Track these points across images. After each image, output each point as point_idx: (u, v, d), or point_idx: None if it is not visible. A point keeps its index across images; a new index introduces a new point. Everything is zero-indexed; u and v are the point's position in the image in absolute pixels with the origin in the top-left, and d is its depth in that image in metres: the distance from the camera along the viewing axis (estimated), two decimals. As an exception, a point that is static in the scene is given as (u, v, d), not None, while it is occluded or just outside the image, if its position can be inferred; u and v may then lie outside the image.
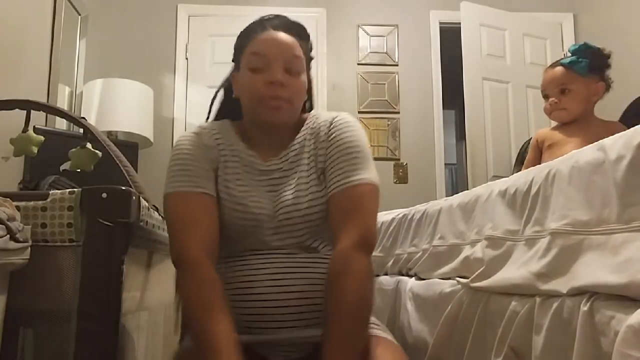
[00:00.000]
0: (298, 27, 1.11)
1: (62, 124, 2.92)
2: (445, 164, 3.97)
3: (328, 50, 3.81)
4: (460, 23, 3.57)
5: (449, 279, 1.29)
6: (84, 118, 1.49)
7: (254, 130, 1.09)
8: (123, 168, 1.30)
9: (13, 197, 0.98)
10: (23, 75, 2.69)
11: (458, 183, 6.21)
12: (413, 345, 1.40)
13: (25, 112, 1.41)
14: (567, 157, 0.86)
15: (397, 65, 3.91)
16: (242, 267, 1.01)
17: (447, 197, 1.85)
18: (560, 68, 1.67)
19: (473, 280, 1.10)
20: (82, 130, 1.43)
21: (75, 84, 3.51)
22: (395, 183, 3.76)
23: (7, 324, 0.92)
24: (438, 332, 1.21)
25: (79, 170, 1.47)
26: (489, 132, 3.55)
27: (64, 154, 1.47)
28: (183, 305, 0.95)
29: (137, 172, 1.49)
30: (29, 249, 0.94)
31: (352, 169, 1.01)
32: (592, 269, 0.72)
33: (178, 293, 0.97)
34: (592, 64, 1.63)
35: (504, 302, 0.97)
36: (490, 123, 3.57)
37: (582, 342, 0.70)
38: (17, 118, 1.46)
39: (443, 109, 3.92)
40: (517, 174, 1.10)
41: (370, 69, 3.88)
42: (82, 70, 3.59)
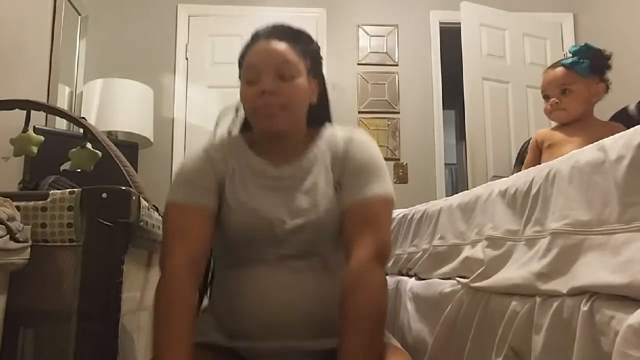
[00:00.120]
0: (293, 31, 1.10)
1: (62, 124, 2.92)
2: (445, 164, 3.97)
3: (328, 50, 3.80)
4: (460, 23, 3.57)
5: (449, 279, 1.29)
6: (84, 118, 1.49)
7: (263, 140, 1.10)
8: (123, 168, 1.30)
9: (13, 197, 0.98)
10: (23, 75, 2.69)
11: (458, 183, 6.21)
12: (413, 345, 1.40)
13: (25, 112, 1.41)
14: (567, 157, 0.86)
15: (397, 65, 3.91)
16: (251, 276, 1.01)
17: (447, 197, 1.85)
18: (561, 68, 1.67)
19: (473, 280, 1.10)
20: (82, 130, 1.43)
21: (75, 84, 3.51)
22: (395, 183, 3.76)
23: (7, 324, 0.92)
24: (438, 332, 1.21)
25: (79, 170, 1.47)
26: (489, 132, 3.55)
27: (64, 154, 1.47)
28: (153, 314, 0.95)
29: (137, 172, 1.49)
30: (29, 249, 0.94)
31: (367, 183, 1.02)
32: (592, 269, 0.72)
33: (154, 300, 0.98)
34: (593, 65, 1.63)
35: (504, 302, 0.97)
36: (490, 123, 3.56)
37: (582, 342, 0.70)
38: (17, 118, 1.47)
39: (443, 109, 3.92)
40: (517, 174, 1.10)
41: (370, 69, 3.88)
42: (82, 70, 3.59)
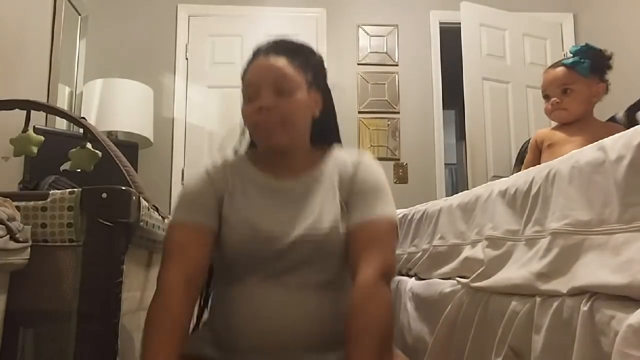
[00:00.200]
0: (293, 46, 1.09)
1: (62, 124, 2.92)
2: (445, 164, 3.97)
3: (328, 50, 3.80)
4: (460, 23, 3.57)
5: (449, 279, 1.29)
6: (84, 118, 1.49)
7: (268, 155, 1.10)
8: (123, 168, 1.29)
9: (13, 197, 0.98)
10: (23, 75, 2.69)
11: (458, 183, 6.21)
12: (413, 345, 1.40)
13: (25, 112, 1.41)
14: (567, 157, 0.86)
15: (397, 65, 3.91)
16: (247, 293, 1.00)
17: (447, 197, 1.85)
18: (562, 68, 1.67)
19: (473, 280, 1.10)
20: (82, 130, 1.43)
21: (75, 84, 3.51)
22: (395, 183, 3.76)
23: (7, 324, 0.92)
24: (438, 332, 1.21)
25: (79, 170, 1.47)
26: (489, 132, 3.55)
27: (64, 154, 1.47)
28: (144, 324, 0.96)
29: (137, 172, 1.49)
30: (29, 249, 0.94)
31: (375, 205, 1.03)
32: (592, 269, 0.72)
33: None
34: (594, 65, 1.63)
35: (504, 302, 0.97)
36: (490, 123, 3.56)
37: (582, 341, 0.70)
38: (17, 118, 1.46)
39: (443, 109, 3.92)
40: (517, 174, 1.10)
41: (370, 69, 3.88)
42: (82, 70, 3.59)
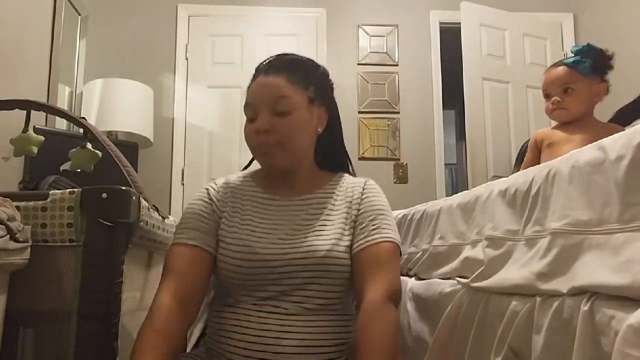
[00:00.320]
0: (294, 61, 1.08)
1: (62, 124, 2.92)
2: (445, 164, 3.97)
3: (328, 50, 3.81)
4: (460, 23, 3.57)
5: (449, 279, 1.29)
6: (84, 118, 1.49)
7: (271, 174, 1.10)
8: (123, 168, 1.29)
9: (13, 197, 0.98)
10: (23, 75, 2.69)
11: (458, 183, 6.21)
12: (413, 346, 1.40)
13: (25, 112, 1.41)
14: (566, 156, 0.86)
15: (397, 65, 3.91)
16: (242, 319, 0.99)
17: (447, 197, 1.85)
18: (564, 67, 1.67)
19: (473, 280, 1.10)
20: (82, 130, 1.43)
21: (75, 84, 3.51)
22: (395, 183, 3.76)
23: (7, 324, 0.92)
24: (438, 332, 1.20)
25: (79, 170, 1.47)
26: (489, 132, 3.55)
27: (64, 154, 1.47)
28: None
29: (137, 172, 1.49)
30: (29, 249, 0.94)
31: (381, 229, 1.04)
32: (592, 269, 0.72)
33: None
34: (595, 65, 1.63)
35: (504, 302, 0.97)
36: (490, 123, 3.57)
37: (582, 342, 0.70)
38: (17, 118, 1.47)
39: (443, 109, 3.92)
40: (516, 174, 1.10)
41: (370, 69, 3.88)
42: (82, 70, 3.59)
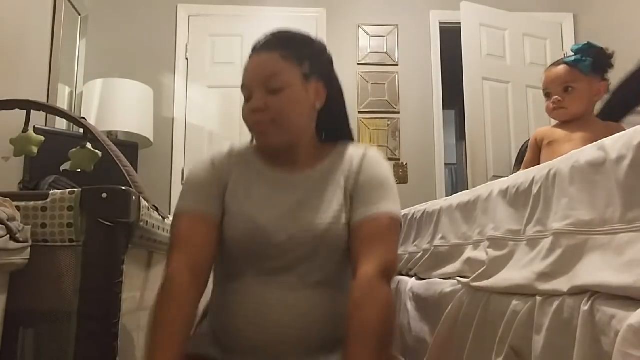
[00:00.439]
0: (288, 37, 1.08)
1: (62, 124, 2.92)
2: (445, 164, 3.97)
3: (328, 50, 3.81)
4: (460, 23, 3.57)
5: (450, 279, 1.29)
6: (84, 118, 1.49)
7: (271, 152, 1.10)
8: (123, 168, 1.29)
9: (13, 197, 0.98)
10: (23, 75, 2.69)
11: (458, 183, 6.21)
12: (413, 345, 1.40)
13: (25, 112, 1.41)
14: (567, 156, 0.86)
15: (397, 65, 3.91)
16: (243, 292, 1.00)
17: (447, 197, 1.85)
18: (564, 66, 1.67)
19: (474, 280, 1.10)
20: (82, 130, 1.43)
21: (75, 84, 3.51)
22: (395, 183, 3.75)
23: (7, 324, 0.92)
24: (438, 332, 1.20)
25: (79, 170, 1.47)
26: (489, 132, 3.55)
27: (64, 154, 1.47)
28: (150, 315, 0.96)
29: (137, 172, 1.49)
30: (29, 249, 0.94)
31: (378, 201, 1.02)
32: (596, 270, 0.72)
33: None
34: (595, 64, 1.63)
35: (505, 301, 0.97)
36: (490, 123, 3.56)
37: (582, 341, 0.70)
38: (17, 118, 1.46)
39: (443, 109, 3.91)
40: (517, 174, 1.10)
41: (370, 69, 3.88)
42: (82, 70, 3.59)
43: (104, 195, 1.01)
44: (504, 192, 1.07)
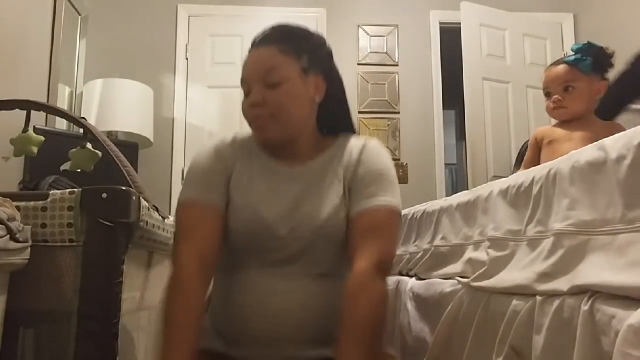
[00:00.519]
0: (285, 31, 1.08)
1: (62, 124, 2.92)
2: (445, 164, 3.97)
3: (328, 50, 3.81)
4: (460, 23, 3.57)
5: (450, 279, 1.29)
6: (84, 118, 1.49)
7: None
8: (123, 168, 1.29)
9: (13, 197, 0.98)
10: (23, 75, 2.69)
11: (458, 183, 6.21)
12: (413, 345, 1.40)
13: (25, 112, 1.41)
14: (567, 156, 0.86)
15: (397, 65, 3.91)
16: (244, 283, 1.00)
17: (447, 197, 1.85)
18: (565, 65, 1.67)
19: (474, 280, 1.10)
20: (82, 130, 1.43)
21: (75, 84, 3.51)
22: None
23: (7, 324, 0.92)
24: (438, 331, 1.20)
25: (79, 170, 1.47)
26: (489, 132, 3.55)
27: (64, 154, 1.47)
28: (161, 307, 0.96)
29: (137, 172, 1.49)
30: (29, 249, 0.94)
31: (377, 194, 1.01)
32: (599, 270, 0.72)
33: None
34: (596, 63, 1.63)
35: (505, 301, 0.96)
36: (490, 123, 3.57)
37: (582, 341, 0.70)
38: (17, 118, 1.46)
39: (443, 109, 3.92)
40: (517, 174, 1.10)
41: (370, 69, 3.88)
42: (82, 70, 3.59)
43: (104, 195, 1.01)
44: (504, 192, 1.07)
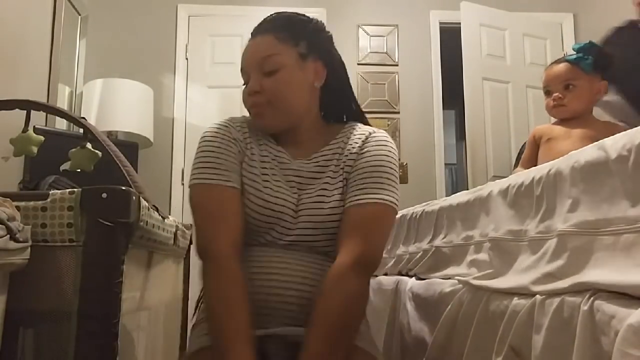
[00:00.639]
0: (282, 19, 1.09)
1: (62, 124, 2.92)
2: (445, 164, 3.97)
3: (328, 50, 3.81)
4: (460, 23, 3.57)
5: (450, 279, 1.29)
6: (84, 118, 1.49)
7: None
8: (123, 168, 1.29)
9: (13, 197, 0.98)
10: (23, 75, 2.69)
11: (458, 183, 6.21)
12: (413, 345, 1.40)
13: (25, 112, 1.41)
14: (567, 156, 0.86)
15: (397, 65, 3.91)
16: (251, 260, 1.01)
17: (447, 197, 1.85)
18: (566, 64, 1.67)
19: (476, 278, 1.10)
20: (82, 130, 1.43)
21: (75, 84, 3.51)
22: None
23: (7, 324, 0.91)
24: (438, 331, 1.20)
25: (79, 170, 1.47)
26: (489, 132, 3.55)
27: (64, 154, 1.47)
28: (205, 299, 0.96)
29: (137, 172, 1.49)
30: (29, 249, 0.94)
31: (372, 187, 1.01)
32: (603, 270, 0.72)
33: (204, 287, 0.98)
34: (596, 62, 1.63)
35: (504, 301, 0.96)
36: (490, 123, 3.57)
37: (582, 341, 0.70)
38: (17, 118, 1.46)
39: (443, 109, 3.92)
40: (518, 174, 1.10)
41: (370, 69, 3.88)
42: (82, 70, 3.59)
43: (104, 195, 1.01)
44: (504, 192, 1.07)
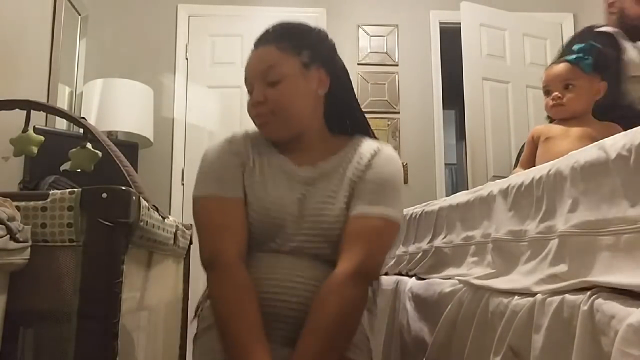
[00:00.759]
0: (284, 29, 1.10)
1: (62, 124, 2.92)
2: (445, 164, 3.97)
3: (328, 50, 3.80)
4: (460, 23, 3.57)
5: (450, 279, 1.29)
6: (84, 118, 1.49)
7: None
8: (123, 168, 1.29)
9: (13, 197, 0.98)
10: (23, 75, 2.69)
11: (458, 183, 6.21)
12: (412, 345, 1.40)
13: (25, 112, 1.41)
14: (567, 157, 0.86)
15: (397, 65, 3.90)
16: (255, 266, 1.02)
17: (447, 197, 1.85)
18: (565, 64, 1.67)
19: (477, 279, 1.10)
20: (82, 130, 1.43)
21: (75, 84, 3.51)
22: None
23: (7, 324, 0.92)
24: (437, 331, 1.20)
25: (79, 170, 1.47)
26: (489, 132, 3.55)
27: (64, 154, 1.47)
28: (216, 307, 0.97)
29: (137, 172, 1.49)
30: (29, 249, 0.94)
31: (376, 201, 1.02)
32: (604, 270, 0.72)
33: (211, 296, 0.99)
34: (596, 63, 1.63)
35: (504, 301, 0.96)
36: (490, 123, 3.56)
37: (582, 341, 0.70)
38: (17, 118, 1.46)
39: (443, 109, 3.91)
40: (518, 174, 1.10)
41: (370, 69, 3.88)
42: (82, 70, 3.59)
43: (104, 195, 1.01)
44: (505, 192, 1.07)
